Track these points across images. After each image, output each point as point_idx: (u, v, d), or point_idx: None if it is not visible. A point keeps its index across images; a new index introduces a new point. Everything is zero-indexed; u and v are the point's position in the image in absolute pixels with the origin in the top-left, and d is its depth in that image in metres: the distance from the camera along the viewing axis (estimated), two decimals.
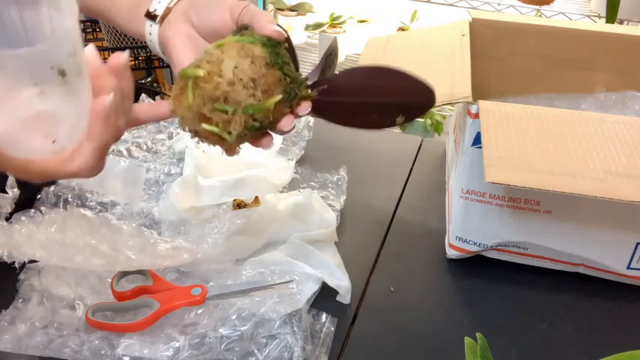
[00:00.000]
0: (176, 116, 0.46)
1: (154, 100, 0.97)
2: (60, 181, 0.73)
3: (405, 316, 0.64)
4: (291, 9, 2.06)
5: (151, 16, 0.54)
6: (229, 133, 0.45)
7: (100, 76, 0.42)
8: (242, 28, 0.49)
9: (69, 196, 0.72)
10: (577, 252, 0.66)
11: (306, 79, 0.49)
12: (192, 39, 0.53)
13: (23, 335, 0.55)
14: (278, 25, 0.48)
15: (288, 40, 0.49)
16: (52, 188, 0.72)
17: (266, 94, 0.45)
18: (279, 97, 0.46)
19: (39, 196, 0.71)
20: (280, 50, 0.47)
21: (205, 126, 0.45)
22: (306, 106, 0.48)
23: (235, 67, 0.44)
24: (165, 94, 1.91)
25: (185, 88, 0.45)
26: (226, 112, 0.44)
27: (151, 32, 0.54)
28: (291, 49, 0.49)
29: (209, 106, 0.44)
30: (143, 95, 0.95)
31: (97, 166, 0.44)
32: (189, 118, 0.45)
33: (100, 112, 0.41)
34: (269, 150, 0.52)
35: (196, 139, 0.48)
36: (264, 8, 2.16)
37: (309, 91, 0.49)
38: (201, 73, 0.44)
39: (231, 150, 0.48)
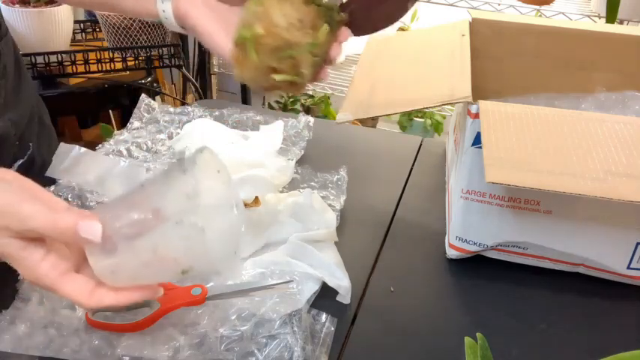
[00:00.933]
0: (244, 81, 0.47)
1: (153, 99, 0.97)
2: (60, 181, 0.73)
3: (405, 316, 0.64)
4: None
5: None
6: (301, 74, 0.47)
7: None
8: None
9: (69, 196, 0.72)
10: (577, 252, 0.66)
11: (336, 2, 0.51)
12: (208, 5, 0.53)
13: (23, 335, 0.55)
14: None
15: None
16: (52, 188, 0.72)
17: (315, 28, 0.48)
18: (326, 28, 0.48)
19: None
20: None
21: (277, 77, 0.47)
22: (346, 32, 0.51)
23: (283, 15, 0.46)
24: (166, 94, 1.91)
25: (245, 50, 0.46)
26: (293, 57, 0.46)
27: (164, 9, 0.54)
28: None
29: (276, 58, 0.46)
30: (143, 95, 0.95)
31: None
32: (260, 76, 0.47)
33: None
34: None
35: (266, 93, 0.49)
36: None
37: (342, 14, 0.51)
38: (260, 30, 0.45)
39: (302, 89, 0.50)
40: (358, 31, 0.52)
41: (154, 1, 0.54)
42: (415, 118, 2.13)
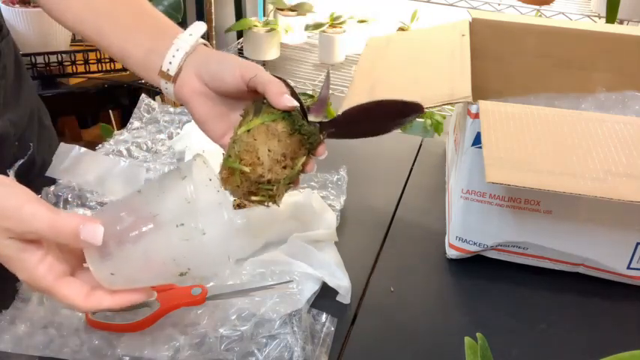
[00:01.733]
0: (227, 190, 0.53)
1: (153, 99, 0.97)
2: (60, 180, 0.73)
3: (405, 315, 0.64)
4: (291, 9, 2.05)
5: (164, 74, 0.56)
6: (275, 201, 0.54)
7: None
8: (260, 100, 0.54)
9: (69, 196, 0.72)
10: (577, 252, 0.66)
11: (317, 124, 0.55)
12: (208, 96, 0.56)
13: (23, 335, 0.55)
14: (287, 88, 0.53)
15: (293, 90, 0.54)
16: (52, 188, 0.72)
17: (294, 159, 0.53)
18: (304, 157, 0.54)
19: (39, 196, 0.71)
20: (295, 116, 0.53)
21: (255, 198, 0.53)
22: (322, 150, 0.56)
23: (269, 151, 0.51)
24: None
25: (232, 174, 0.52)
26: (271, 189, 0.52)
27: (167, 88, 0.57)
28: (299, 101, 0.53)
29: (255, 187, 0.52)
30: (143, 95, 0.95)
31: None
32: (239, 195, 0.53)
33: None
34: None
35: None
36: (264, 8, 2.17)
37: (322, 135, 0.55)
38: (247, 169, 0.51)
39: (275, 204, 0.55)
40: (336, 137, 0.57)
41: (159, 80, 0.57)
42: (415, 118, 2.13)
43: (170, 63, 0.56)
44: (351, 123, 0.56)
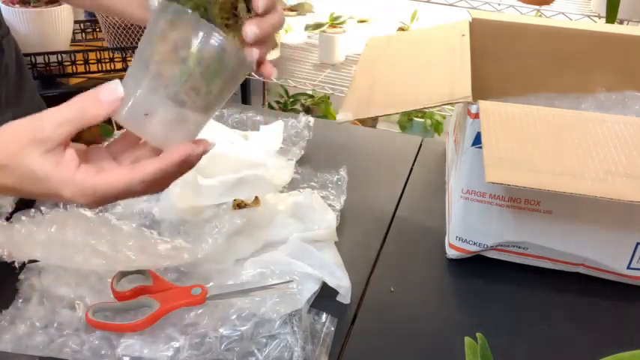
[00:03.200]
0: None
1: None
2: None
3: (405, 315, 0.64)
4: (291, 9, 2.06)
5: None
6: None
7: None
8: None
9: None
10: (577, 252, 0.66)
11: None
12: None
13: (23, 335, 0.55)
14: None
15: None
16: None
17: None
18: None
19: None
20: None
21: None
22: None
23: None
24: None
25: None
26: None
27: None
28: None
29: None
30: None
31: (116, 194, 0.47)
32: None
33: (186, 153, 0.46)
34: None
35: None
36: None
37: None
38: None
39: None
40: None
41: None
42: (415, 118, 2.13)
43: None
44: None
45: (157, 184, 0.47)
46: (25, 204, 0.68)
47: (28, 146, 0.44)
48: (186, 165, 0.47)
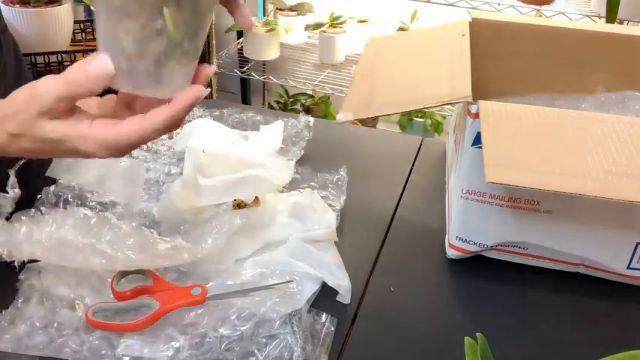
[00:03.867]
0: None
1: None
2: (60, 180, 0.73)
3: (405, 316, 0.64)
4: (291, 9, 2.06)
5: None
6: None
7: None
8: None
9: (69, 195, 0.72)
10: (577, 252, 0.66)
11: None
12: None
13: (23, 335, 0.55)
14: None
15: None
16: (52, 188, 0.72)
17: None
18: None
19: (39, 195, 0.71)
20: None
21: None
22: None
23: None
24: None
25: None
26: None
27: None
28: None
29: None
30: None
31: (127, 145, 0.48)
32: None
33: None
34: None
35: None
36: (264, 8, 2.17)
37: None
38: None
39: None
40: None
41: None
42: (415, 118, 2.13)
43: None
44: None
45: (169, 128, 0.49)
46: (25, 204, 0.68)
47: (37, 116, 0.46)
48: (193, 106, 0.49)
